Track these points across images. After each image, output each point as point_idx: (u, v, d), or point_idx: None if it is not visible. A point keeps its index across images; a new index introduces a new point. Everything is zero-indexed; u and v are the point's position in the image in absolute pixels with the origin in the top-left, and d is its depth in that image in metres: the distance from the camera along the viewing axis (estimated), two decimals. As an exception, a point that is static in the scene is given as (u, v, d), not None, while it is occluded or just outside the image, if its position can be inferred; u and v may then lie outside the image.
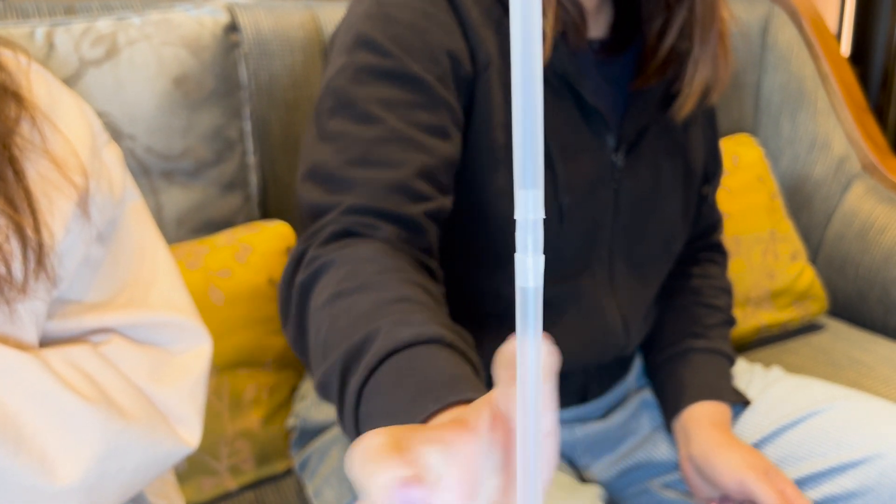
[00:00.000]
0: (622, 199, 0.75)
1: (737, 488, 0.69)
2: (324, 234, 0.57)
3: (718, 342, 0.83)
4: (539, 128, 0.24)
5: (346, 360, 0.47)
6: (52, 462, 0.49)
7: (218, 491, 0.90)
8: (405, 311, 0.48)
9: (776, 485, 0.69)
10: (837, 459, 0.74)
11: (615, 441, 0.83)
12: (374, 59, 0.63)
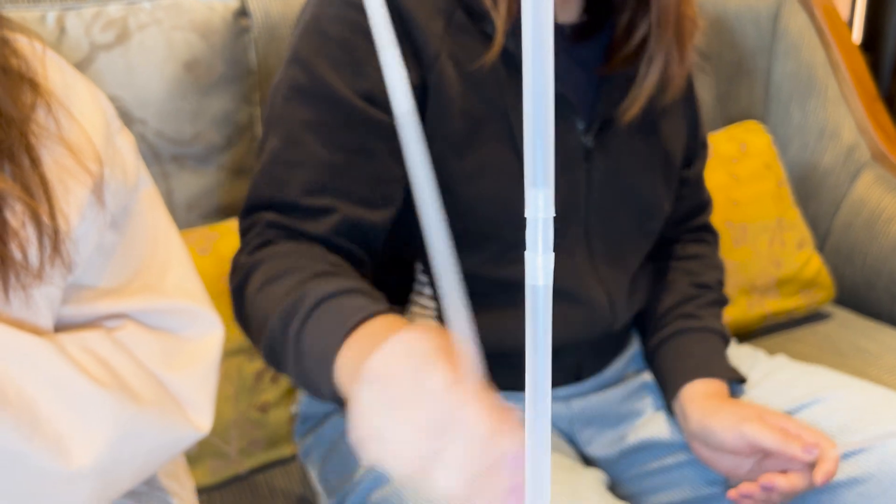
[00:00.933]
0: (594, 179, 0.76)
1: (740, 442, 0.71)
2: (250, 246, 0.66)
3: (710, 321, 0.84)
4: (550, 128, 0.25)
5: (283, 320, 0.57)
6: (67, 446, 0.50)
7: (227, 473, 0.91)
8: (326, 279, 0.58)
9: (775, 424, 0.70)
10: (841, 447, 0.74)
11: (615, 419, 0.84)
12: (303, 79, 0.68)
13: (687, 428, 0.78)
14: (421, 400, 0.42)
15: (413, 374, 0.42)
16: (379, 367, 0.44)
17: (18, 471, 0.48)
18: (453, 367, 0.42)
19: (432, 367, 0.42)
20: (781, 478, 0.70)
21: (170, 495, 0.67)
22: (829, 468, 0.68)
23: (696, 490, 0.83)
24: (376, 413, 0.43)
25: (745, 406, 0.75)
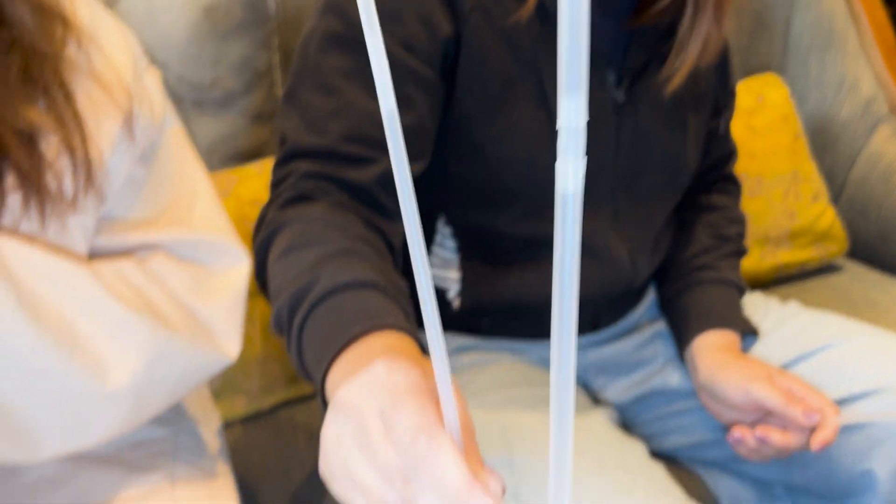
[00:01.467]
0: (623, 136, 0.75)
1: (745, 400, 0.72)
2: (280, 200, 0.62)
3: (728, 272, 0.84)
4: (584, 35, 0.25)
5: (293, 301, 0.53)
6: (104, 367, 0.52)
7: (250, 409, 0.94)
8: (345, 261, 0.54)
9: (782, 386, 0.71)
10: (847, 391, 0.75)
11: (629, 367, 0.86)
12: (339, 27, 0.65)
13: (696, 379, 0.79)
14: (388, 443, 0.37)
15: (382, 412, 0.38)
16: (348, 399, 0.40)
17: (59, 389, 0.50)
18: (428, 409, 0.37)
19: (403, 408, 0.37)
20: (777, 433, 0.71)
21: (197, 424, 0.70)
22: (828, 436, 0.69)
23: (703, 435, 0.85)
24: (343, 448, 0.39)
25: (754, 364, 0.75)
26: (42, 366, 0.49)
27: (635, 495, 0.60)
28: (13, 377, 0.48)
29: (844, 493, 0.77)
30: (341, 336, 0.47)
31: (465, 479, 0.35)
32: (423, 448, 0.35)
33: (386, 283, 0.53)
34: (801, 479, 0.80)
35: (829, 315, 0.85)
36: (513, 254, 0.76)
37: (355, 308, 0.49)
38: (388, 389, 0.38)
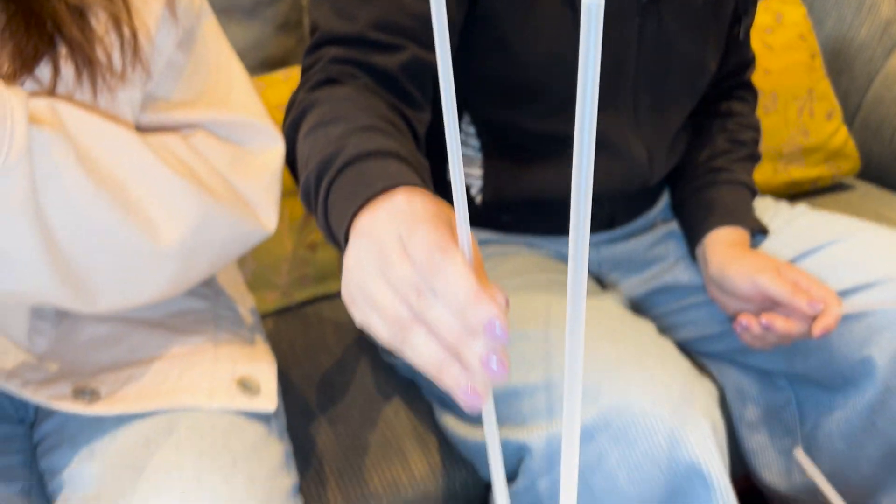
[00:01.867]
0: (646, 36, 0.77)
1: (752, 291, 0.75)
2: (310, 83, 0.64)
3: (741, 175, 0.87)
4: None
5: (320, 168, 0.56)
6: (156, 227, 0.56)
7: (280, 304, 0.99)
8: (371, 134, 0.57)
9: (788, 277, 0.75)
10: (852, 282, 0.79)
11: (641, 264, 0.90)
12: None
13: (706, 272, 0.83)
14: (403, 259, 0.40)
15: (399, 234, 0.41)
16: (367, 225, 0.44)
17: (116, 244, 0.55)
18: (442, 230, 0.40)
19: (420, 229, 0.40)
20: (781, 320, 0.75)
21: (234, 302, 0.74)
22: (829, 323, 0.72)
23: (710, 328, 0.89)
24: (362, 270, 0.42)
25: (762, 257, 0.79)
26: (100, 220, 0.53)
27: (645, 362, 0.64)
28: (75, 229, 0.52)
29: (844, 380, 0.81)
30: (365, 192, 0.49)
31: (474, 288, 0.37)
32: (436, 261, 0.38)
33: (409, 156, 0.56)
34: (802, 369, 0.84)
35: (836, 215, 0.88)
36: (534, 150, 0.79)
37: (379, 170, 0.52)
38: (407, 215, 0.42)
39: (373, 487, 0.73)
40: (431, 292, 0.39)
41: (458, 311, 0.37)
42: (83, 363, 0.61)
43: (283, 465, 0.60)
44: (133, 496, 0.52)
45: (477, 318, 0.37)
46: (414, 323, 0.39)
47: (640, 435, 0.61)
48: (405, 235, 0.41)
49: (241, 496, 0.52)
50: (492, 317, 0.37)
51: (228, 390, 0.60)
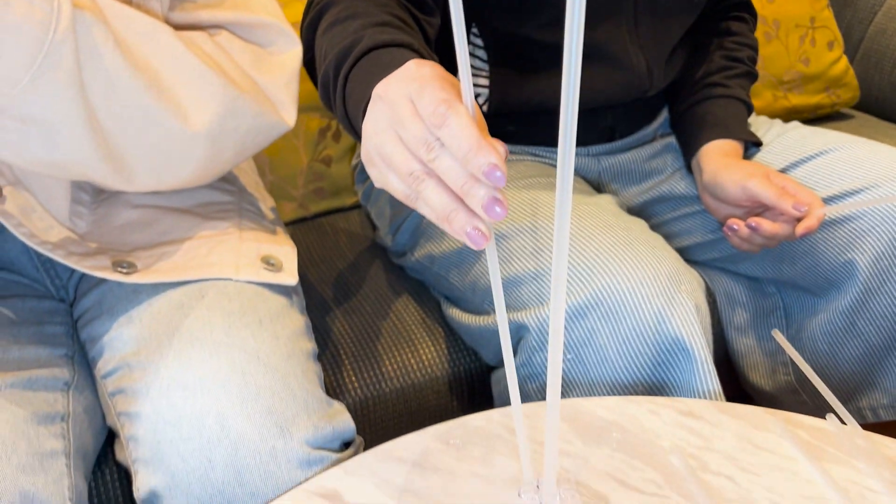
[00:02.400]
0: None
1: (742, 195, 0.80)
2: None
3: (737, 90, 0.91)
4: None
5: (338, 59, 0.60)
6: (186, 110, 0.61)
7: (296, 215, 1.04)
8: (386, 28, 0.60)
9: (777, 183, 0.79)
10: (839, 189, 0.83)
11: (640, 175, 0.95)
12: None
13: (700, 180, 0.87)
14: (414, 116, 0.44)
15: (410, 95, 0.45)
16: (381, 91, 0.48)
17: (150, 126, 0.60)
18: (448, 88, 0.44)
19: (427, 88, 0.44)
20: (767, 222, 0.79)
21: (256, 199, 0.80)
22: (811, 224, 0.77)
23: (703, 236, 0.94)
24: (378, 132, 0.46)
25: (753, 164, 0.83)
26: (136, 101, 0.58)
27: (635, 248, 0.69)
28: (114, 108, 0.57)
29: (828, 284, 0.86)
30: (382, 74, 0.53)
31: (476, 137, 0.41)
32: (441, 113, 0.42)
33: (422, 49, 0.61)
34: (789, 275, 0.89)
35: (828, 130, 0.92)
36: (540, 60, 0.84)
37: (396, 57, 0.56)
38: (416, 77, 0.46)
39: (385, 371, 0.80)
40: (439, 145, 0.43)
41: (462, 159, 0.42)
42: (120, 243, 0.67)
43: (305, 332, 0.66)
44: (169, 350, 0.58)
45: (479, 164, 0.41)
46: (425, 176, 0.44)
47: (629, 313, 0.66)
48: (415, 95, 0.45)
49: (267, 349, 0.58)
50: (492, 163, 0.41)
51: (254, 265, 0.65)
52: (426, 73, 0.46)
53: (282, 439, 0.54)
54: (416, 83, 0.45)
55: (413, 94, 0.45)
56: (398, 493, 0.52)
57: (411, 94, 0.45)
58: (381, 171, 0.47)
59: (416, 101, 0.45)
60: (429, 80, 0.45)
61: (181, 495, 0.54)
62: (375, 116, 0.48)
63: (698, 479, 0.53)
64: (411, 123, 0.44)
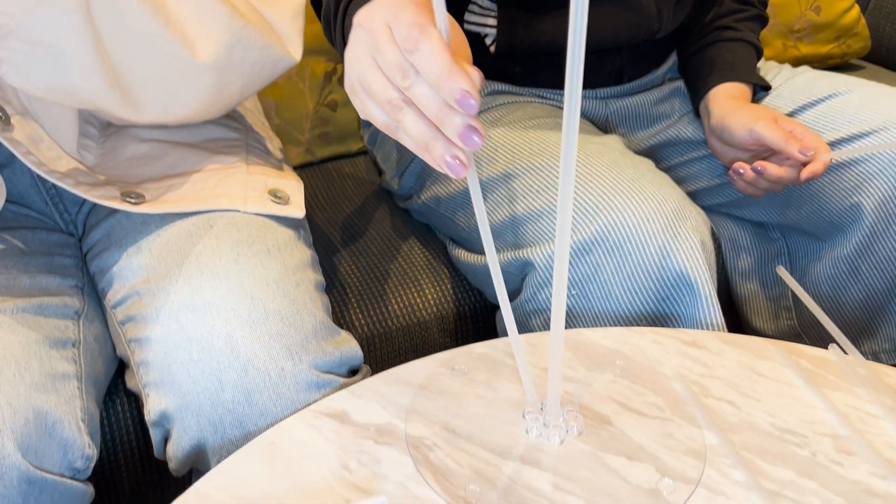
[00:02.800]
0: None
1: (749, 138, 0.80)
2: None
3: (747, 33, 0.91)
4: None
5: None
6: (193, 41, 0.61)
7: (302, 159, 1.04)
8: None
9: (785, 127, 0.79)
10: (847, 132, 0.83)
11: (647, 119, 0.94)
12: None
13: (707, 124, 0.87)
14: (390, 42, 0.43)
15: (385, 19, 0.44)
16: (363, 17, 0.46)
17: (158, 55, 0.60)
18: (423, 12, 0.42)
19: (403, 13, 0.43)
20: (772, 165, 0.79)
21: (263, 139, 0.80)
22: (816, 168, 0.77)
23: (709, 181, 0.94)
24: (358, 61, 0.45)
25: (761, 108, 0.83)
26: (143, 29, 0.58)
27: (641, 184, 0.69)
28: (121, 35, 0.57)
29: (833, 228, 0.86)
30: None
31: (448, 63, 0.40)
32: (414, 37, 0.41)
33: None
34: (794, 219, 0.89)
35: (837, 74, 0.91)
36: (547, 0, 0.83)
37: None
38: (394, 4, 0.44)
39: (391, 309, 0.80)
40: (414, 72, 0.42)
41: (434, 85, 0.41)
42: (128, 175, 0.67)
43: (312, 264, 0.66)
44: (178, 276, 0.58)
45: (450, 90, 0.40)
46: (403, 104, 0.43)
47: (634, 248, 0.67)
48: (391, 20, 0.44)
49: (276, 275, 0.59)
50: (464, 89, 0.40)
51: (261, 197, 0.66)
52: (404, 0, 0.45)
53: (290, 361, 0.55)
54: (392, 9, 0.44)
55: (390, 20, 0.44)
56: (404, 413, 0.53)
57: (388, 20, 0.44)
58: (362, 100, 0.47)
59: (393, 26, 0.44)
60: (405, 5, 0.44)
61: (191, 416, 0.55)
62: (356, 44, 0.47)
63: (700, 403, 0.53)
64: (388, 49, 0.43)
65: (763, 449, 0.50)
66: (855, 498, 0.46)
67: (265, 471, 0.48)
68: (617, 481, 0.47)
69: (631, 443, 0.50)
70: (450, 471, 0.48)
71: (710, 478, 0.48)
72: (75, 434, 0.54)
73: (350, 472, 0.48)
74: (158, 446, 0.59)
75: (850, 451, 0.50)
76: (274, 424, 0.52)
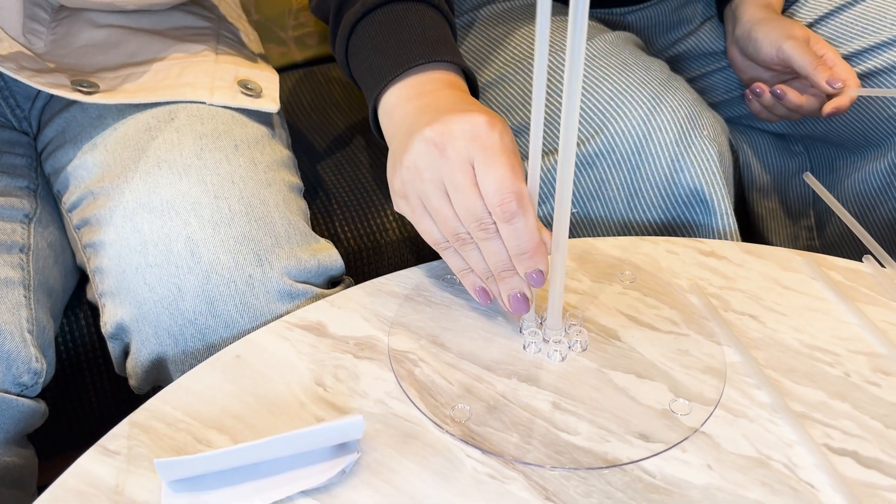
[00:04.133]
0: None
1: (775, 56, 0.72)
2: None
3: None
4: None
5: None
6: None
7: (285, 60, 0.96)
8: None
9: (816, 50, 0.71)
10: (891, 34, 0.74)
11: (667, 27, 0.86)
12: None
13: (732, 31, 0.78)
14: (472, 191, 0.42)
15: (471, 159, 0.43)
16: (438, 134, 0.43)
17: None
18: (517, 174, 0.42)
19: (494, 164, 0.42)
20: (794, 91, 0.72)
21: (237, 30, 0.72)
22: (842, 103, 0.69)
23: (730, 93, 0.86)
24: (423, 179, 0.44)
25: (794, 25, 0.74)
26: None
27: (653, 87, 0.62)
28: None
29: (866, 140, 0.79)
30: (401, 62, 0.49)
31: (537, 244, 0.42)
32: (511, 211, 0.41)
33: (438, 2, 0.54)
34: (822, 130, 0.82)
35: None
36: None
37: (411, 30, 0.51)
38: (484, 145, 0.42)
39: (380, 222, 0.74)
40: (494, 229, 0.42)
41: (515, 256, 0.42)
42: (82, 64, 0.60)
43: (288, 165, 0.60)
44: (134, 173, 0.52)
45: (527, 266, 0.42)
46: (470, 239, 0.44)
47: (643, 160, 0.60)
48: (479, 166, 0.42)
49: (242, 173, 0.52)
50: (540, 270, 0.42)
51: (230, 88, 0.59)
52: (495, 141, 0.42)
53: (259, 268, 0.49)
54: (481, 152, 0.42)
55: (477, 163, 0.42)
56: (388, 325, 0.47)
57: (474, 161, 0.42)
58: (415, 210, 0.45)
59: (481, 173, 0.42)
60: (498, 154, 0.42)
61: (149, 327, 0.49)
62: (422, 159, 0.44)
63: (720, 317, 0.48)
64: (469, 195, 0.42)
65: (790, 367, 0.44)
66: (893, 421, 0.41)
67: (229, 387, 0.43)
68: (625, 401, 0.42)
69: (641, 359, 0.44)
70: (437, 388, 0.42)
71: (730, 398, 0.42)
72: (19, 346, 0.48)
73: (325, 389, 0.43)
74: (118, 361, 0.54)
75: (888, 370, 0.44)
76: (241, 337, 0.47)
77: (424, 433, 0.40)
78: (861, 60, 0.76)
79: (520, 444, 0.39)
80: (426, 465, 0.38)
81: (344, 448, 0.38)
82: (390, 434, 0.40)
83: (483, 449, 0.39)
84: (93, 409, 0.68)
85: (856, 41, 0.76)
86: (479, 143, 0.42)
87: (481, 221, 0.42)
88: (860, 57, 0.76)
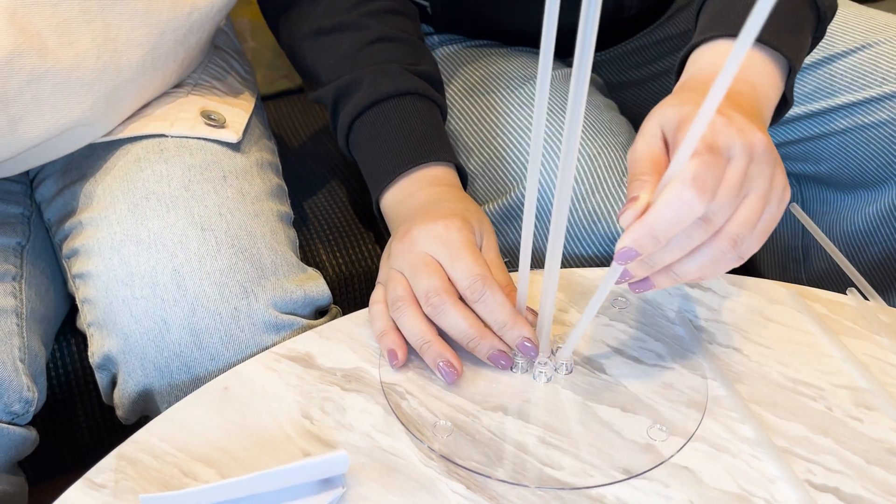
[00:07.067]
0: None
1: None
2: None
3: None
4: None
5: (336, 95, 0.59)
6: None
7: (280, 87, 0.97)
8: (384, 55, 0.59)
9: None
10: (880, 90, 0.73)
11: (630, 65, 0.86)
12: None
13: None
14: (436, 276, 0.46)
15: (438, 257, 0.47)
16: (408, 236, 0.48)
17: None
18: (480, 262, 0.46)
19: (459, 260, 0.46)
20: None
21: (230, 59, 0.73)
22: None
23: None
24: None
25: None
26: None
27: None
28: None
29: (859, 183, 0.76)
30: (393, 168, 0.55)
31: (511, 314, 0.45)
32: (479, 289, 0.45)
33: (424, 86, 0.58)
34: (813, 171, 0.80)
35: (875, 10, 0.80)
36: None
37: (402, 130, 0.56)
38: (446, 242, 0.47)
39: (370, 249, 0.74)
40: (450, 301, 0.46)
41: (498, 331, 0.45)
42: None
43: (276, 193, 0.60)
44: (123, 204, 0.52)
45: (513, 337, 0.45)
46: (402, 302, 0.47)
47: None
48: (445, 259, 0.47)
49: (230, 205, 0.52)
50: (525, 336, 0.45)
51: (192, 119, 0.58)
52: (454, 238, 0.47)
53: (245, 300, 0.49)
54: (445, 249, 0.47)
55: (443, 259, 0.47)
56: (376, 356, 0.47)
57: (441, 259, 0.47)
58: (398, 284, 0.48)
59: (448, 266, 0.47)
60: (459, 248, 0.47)
61: (135, 359, 0.49)
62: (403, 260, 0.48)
63: (705, 350, 0.48)
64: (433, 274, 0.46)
65: (773, 402, 0.45)
66: (875, 457, 0.41)
67: (216, 419, 0.43)
68: (609, 435, 0.42)
69: (626, 393, 0.45)
70: (423, 420, 0.43)
71: (714, 433, 0.42)
72: (11, 374, 0.49)
73: (311, 422, 0.43)
74: (106, 391, 0.54)
75: (871, 405, 0.45)
76: (226, 370, 0.47)
77: (409, 467, 0.40)
78: (850, 113, 0.75)
79: (504, 480, 0.39)
80: (410, 501, 0.38)
81: (329, 483, 0.38)
82: (375, 468, 0.40)
83: (467, 485, 0.39)
84: (83, 435, 0.68)
85: (841, 95, 0.75)
86: (441, 242, 0.47)
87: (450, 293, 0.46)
88: (849, 109, 0.75)
